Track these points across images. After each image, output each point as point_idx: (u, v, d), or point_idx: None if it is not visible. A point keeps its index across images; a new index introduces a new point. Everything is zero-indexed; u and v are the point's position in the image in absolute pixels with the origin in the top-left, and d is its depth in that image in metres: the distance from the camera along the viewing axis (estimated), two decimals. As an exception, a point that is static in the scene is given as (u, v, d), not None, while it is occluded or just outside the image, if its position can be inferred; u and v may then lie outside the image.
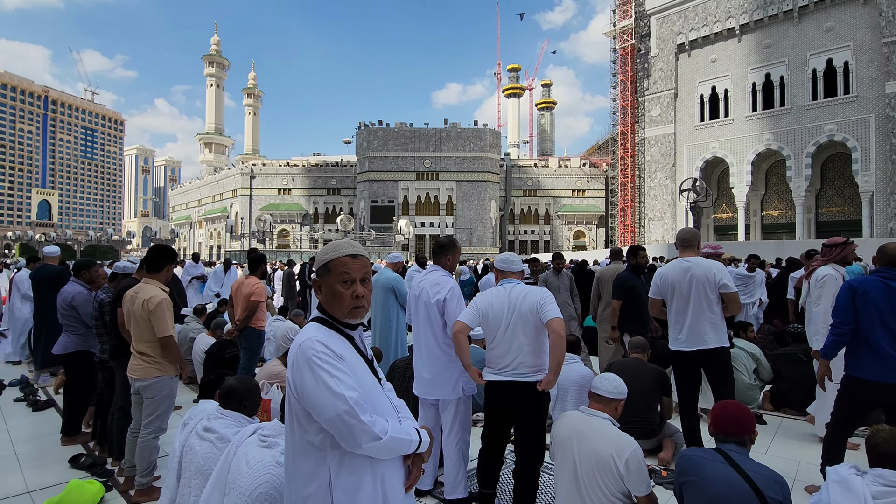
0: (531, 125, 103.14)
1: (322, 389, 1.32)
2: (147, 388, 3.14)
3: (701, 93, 34.70)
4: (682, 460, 2.21)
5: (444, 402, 3.06)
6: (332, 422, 1.32)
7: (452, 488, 2.99)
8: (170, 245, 3.55)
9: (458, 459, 3.01)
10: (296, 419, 1.41)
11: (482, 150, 48.20)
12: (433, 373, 3.03)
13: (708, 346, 3.36)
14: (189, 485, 2.24)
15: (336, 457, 1.38)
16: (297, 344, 1.40)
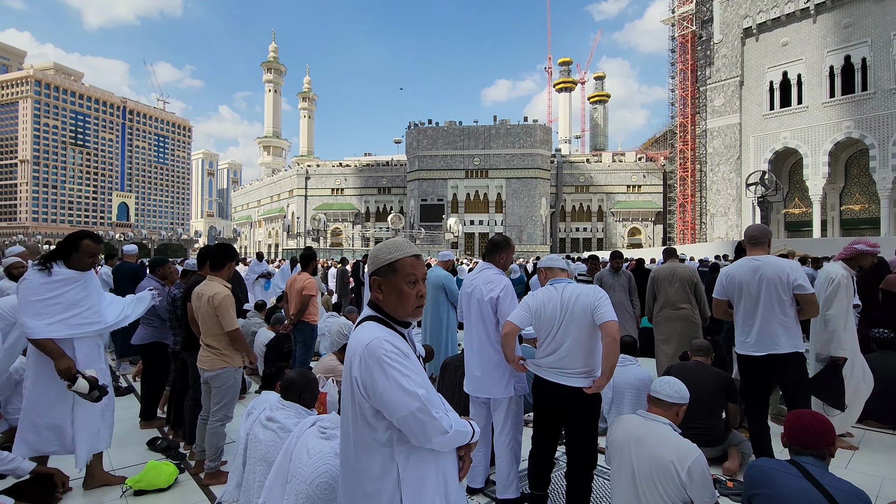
0: (583, 120, 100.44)
1: (395, 388, 1.35)
2: (214, 378, 3.34)
3: (770, 79, 32.38)
4: (752, 471, 2.08)
5: (495, 400, 3.05)
6: (406, 419, 1.35)
7: (504, 488, 2.97)
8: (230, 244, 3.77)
9: (510, 459, 2.99)
10: (360, 417, 1.41)
11: (532, 147, 47.48)
12: (484, 370, 3.02)
13: (780, 350, 3.12)
14: (253, 470, 2.36)
15: (403, 452, 1.41)
16: (361, 344, 1.39)
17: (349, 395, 1.45)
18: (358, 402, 1.41)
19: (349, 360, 1.44)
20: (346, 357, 1.48)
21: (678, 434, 2.36)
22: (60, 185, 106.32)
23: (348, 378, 1.44)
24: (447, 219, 42.84)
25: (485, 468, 3.16)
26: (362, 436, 1.42)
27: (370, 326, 1.46)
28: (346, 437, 1.49)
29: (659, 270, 5.21)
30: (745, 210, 32.84)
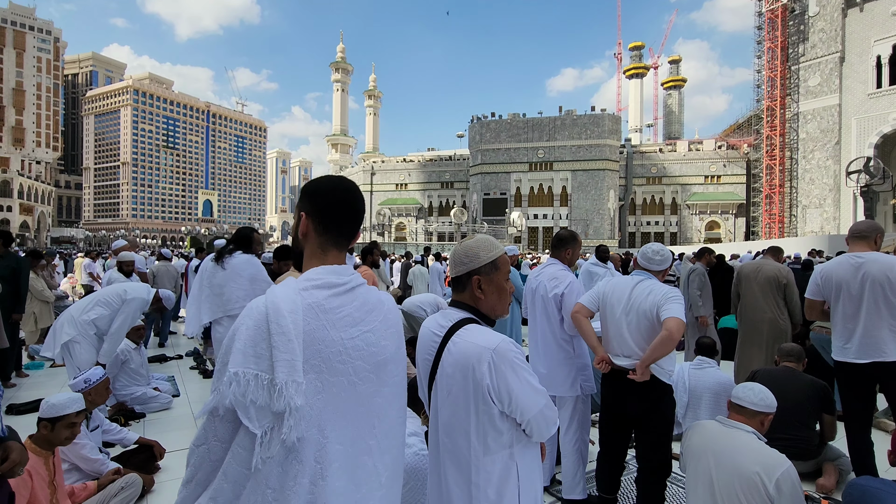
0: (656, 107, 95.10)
1: (527, 389, 1.37)
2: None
3: (878, 54, 28.83)
4: (854, 490, 1.88)
5: (561, 399, 2.98)
6: (535, 417, 1.38)
7: (571, 488, 2.91)
8: (287, 244, 3.91)
9: (577, 459, 2.91)
10: (487, 423, 1.37)
11: (599, 137, 45.71)
12: (549, 367, 2.97)
13: (887, 358, 2.81)
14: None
15: (519, 451, 1.42)
16: (487, 348, 1.36)
17: (464, 401, 1.39)
18: (482, 408, 1.37)
19: (464, 364, 1.38)
20: (450, 361, 1.41)
21: (764, 443, 2.18)
22: (154, 184, 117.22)
23: (463, 382, 1.39)
24: (510, 213, 42.44)
25: (550, 466, 3.11)
26: (485, 442, 1.39)
27: (481, 329, 1.44)
28: (460, 450, 1.40)
29: (744, 267, 4.83)
30: (843, 201, 29.59)
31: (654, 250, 2.64)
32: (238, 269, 3.53)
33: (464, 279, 1.50)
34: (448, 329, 1.45)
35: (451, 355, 1.41)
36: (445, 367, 1.42)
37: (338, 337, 1.00)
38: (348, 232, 1.14)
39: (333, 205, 1.12)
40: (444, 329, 1.45)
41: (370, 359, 1.06)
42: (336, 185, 1.15)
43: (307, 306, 0.99)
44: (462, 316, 1.47)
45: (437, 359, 1.45)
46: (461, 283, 1.51)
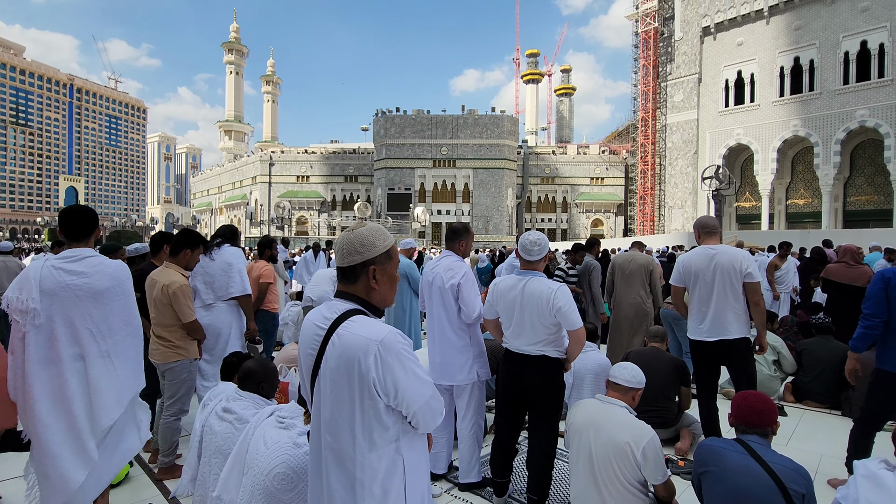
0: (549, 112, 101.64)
1: (414, 380, 1.34)
2: (168, 372, 3.20)
3: (726, 77, 33.62)
4: (702, 450, 2.17)
5: (458, 387, 3.07)
6: (422, 408, 1.36)
7: (467, 472, 3.01)
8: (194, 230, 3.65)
9: (473, 444, 3.02)
10: (373, 418, 1.33)
11: (499, 137, 47.74)
12: (446, 357, 3.03)
13: (730, 336, 3.27)
14: (209, 463, 2.29)
15: (406, 444, 1.40)
16: (374, 340, 1.31)
17: (348, 396, 1.33)
18: (367, 403, 1.32)
19: (348, 357, 1.32)
20: (334, 354, 1.34)
21: (634, 416, 2.44)
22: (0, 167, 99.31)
23: (348, 376, 1.32)
24: (414, 208, 42.65)
25: (448, 454, 3.19)
26: (371, 438, 1.34)
27: (368, 321, 1.38)
28: (344, 447, 1.35)
29: (617, 258, 5.35)
30: (700, 203, 34.17)
31: (532, 241, 2.73)
32: (228, 259, 3.81)
33: (358, 269, 1.43)
34: (333, 321, 1.38)
35: (336, 348, 1.34)
36: (329, 362, 1.36)
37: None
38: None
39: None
40: (328, 322, 1.39)
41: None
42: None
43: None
44: (348, 307, 1.41)
45: (321, 353, 1.38)
46: (354, 273, 1.43)
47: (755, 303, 3.25)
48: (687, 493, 2.83)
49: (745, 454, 2.04)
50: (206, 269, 3.74)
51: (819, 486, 3.00)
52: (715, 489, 2.03)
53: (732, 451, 2.08)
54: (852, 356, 3.02)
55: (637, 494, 2.32)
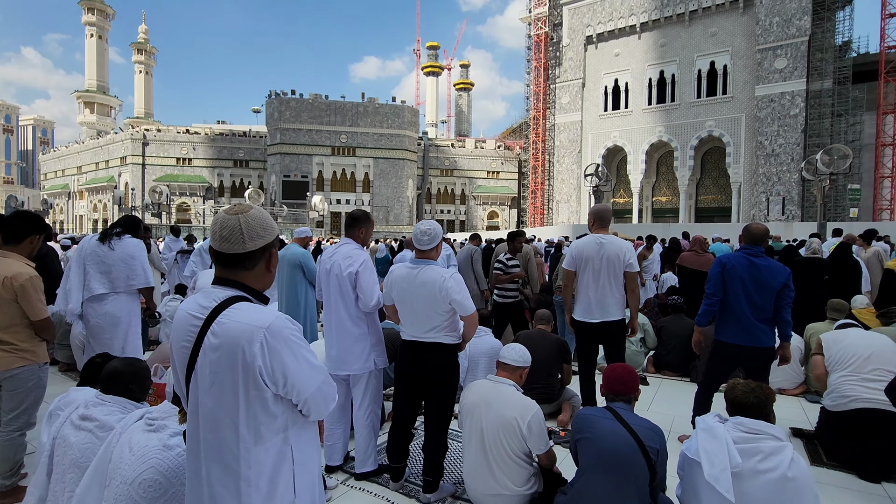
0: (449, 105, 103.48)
1: (304, 366, 1.30)
2: (9, 380, 2.73)
3: (605, 84, 37.01)
4: (577, 419, 2.40)
5: (355, 376, 3.03)
6: (314, 395, 1.32)
7: (363, 461, 3.00)
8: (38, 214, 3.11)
9: (369, 433, 3.02)
10: (260, 410, 1.26)
11: (400, 128, 47.57)
12: (343, 346, 2.98)
13: (611, 318, 3.58)
14: (63, 480, 2.00)
15: (294, 433, 1.34)
16: (260, 327, 1.23)
17: (231, 388, 1.24)
18: (253, 394, 1.24)
19: (231, 346, 1.23)
20: (214, 345, 1.25)
21: (520, 393, 2.62)
22: None
23: (230, 367, 1.23)
24: (312, 197, 40.91)
25: (344, 445, 3.15)
26: (257, 430, 1.26)
27: (253, 307, 1.30)
28: (228, 441, 1.26)
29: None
30: (583, 198, 37.35)
31: (423, 231, 2.78)
32: (128, 251, 3.71)
33: (258, 254, 1.34)
34: (212, 310, 1.28)
35: (216, 338, 1.25)
36: (208, 353, 1.26)
37: None
38: None
39: None
40: (206, 311, 1.28)
41: None
42: None
43: None
44: (230, 294, 1.32)
45: (198, 345, 1.27)
46: (252, 258, 1.34)
47: (632, 290, 3.60)
48: (567, 459, 3.11)
49: (613, 419, 2.29)
50: (102, 257, 3.66)
51: (673, 441, 3.49)
52: (588, 452, 2.26)
53: (603, 417, 2.33)
54: (697, 330, 3.54)
55: (523, 465, 2.50)
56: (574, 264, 3.71)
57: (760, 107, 30.25)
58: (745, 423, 2.22)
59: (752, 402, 2.27)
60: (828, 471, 3.22)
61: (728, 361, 3.43)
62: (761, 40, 30.12)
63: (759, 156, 30.31)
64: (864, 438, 3.18)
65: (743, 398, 2.30)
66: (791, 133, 29.31)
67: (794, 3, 29.13)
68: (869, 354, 3.38)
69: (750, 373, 3.33)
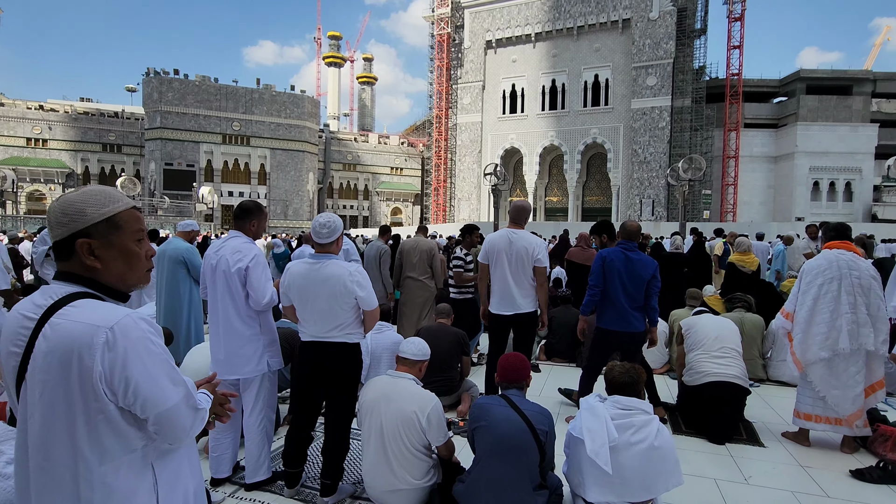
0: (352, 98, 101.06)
1: (157, 378, 1.10)
2: None
3: (503, 88, 38.80)
4: (474, 409, 2.48)
5: (245, 380, 2.83)
6: (166, 415, 1.11)
7: (255, 470, 2.81)
8: None
9: (262, 439, 2.84)
10: (104, 427, 1.07)
11: (300, 118, 45.42)
12: (232, 349, 2.77)
13: (522, 311, 3.71)
14: None
15: (155, 451, 1.16)
16: (103, 327, 1.04)
17: (65, 400, 1.05)
18: (94, 406, 1.05)
19: (67, 349, 1.04)
20: (46, 349, 1.05)
21: (420, 387, 2.64)
22: None
23: (64, 374, 1.04)
24: (199, 188, 37.39)
25: (233, 455, 2.92)
26: (101, 447, 1.07)
27: (97, 304, 1.10)
28: (51, 465, 1.07)
29: (405, 243, 5.67)
30: (483, 196, 38.83)
31: (322, 223, 2.67)
32: None
33: (67, 244, 1.13)
34: (46, 309, 1.09)
35: (48, 341, 1.05)
36: (38, 359, 1.06)
37: None
38: None
39: None
40: (40, 310, 1.08)
41: None
42: None
43: None
44: (70, 290, 1.13)
45: (30, 349, 1.07)
46: (64, 249, 1.14)
47: (541, 284, 3.75)
48: (466, 449, 3.20)
49: (507, 406, 2.41)
50: None
51: (561, 423, 3.77)
52: (484, 439, 2.35)
53: (497, 405, 2.44)
54: (582, 319, 3.85)
55: (422, 458, 2.53)
56: (487, 257, 3.81)
57: (635, 118, 33.84)
58: (621, 400, 2.47)
59: (626, 381, 2.52)
60: (685, 437, 3.70)
61: (608, 346, 3.79)
62: (636, 59, 33.69)
63: (634, 162, 33.92)
64: (713, 408, 3.70)
65: (619, 378, 2.55)
66: (659, 143, 33.22)
67: (662, 28, 32.98)
68: (717, 335, 3.94)
69: (625, 355, 3.71)
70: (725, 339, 3.93)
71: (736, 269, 6.88)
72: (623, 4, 34.07)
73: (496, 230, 3.99)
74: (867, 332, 3.36)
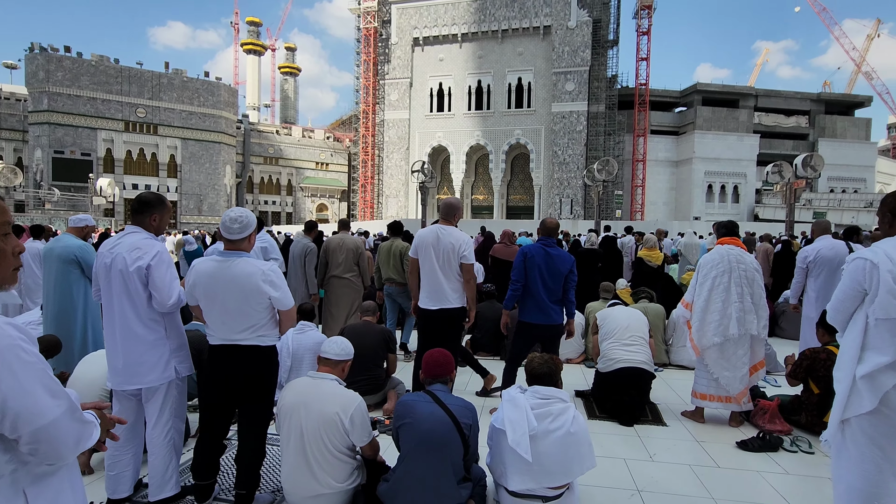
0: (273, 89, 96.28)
1: (36, 390, 0.98)
2: None
3: (431, 86, 38.96)
4: (399, 406, 2.46)
5: (149, 389, 2.59)
6: (47, 429, 0.99)
7: (160, 487, 2.58)
8: None
9: (169, 453, 2.61)
10: None
11: (215, 107, 42.49)
12: (132, 357, 2.52)
13: (449, 305, 3.72)
14: None
15: (32, 473, 1.03)
16: None
17: None
18: None
19: None
20: None
21: (343, 387, 2.57)
22: None
23: None
24: (97, 179, 33.66)
25: (134, 472, 2.66)
26: None
27: None
28: None
29: (330, 241, 5.51)
30: (411, 193, 38.76)
31: (233, 218, 2.50)
32: None
33: None
34: None
35: None
36: None
37: None
38: None
39: None
40: None
41: None
42: None
43: None
44: None
45: None
46: None
47: (467, 280, 3.77)
48: (392, 447, 3.17)
49: (432, 402, 2.41)
50: None
51: (485, 415, 3.85)
52: (409, 436, 2.34)
53: (422, 401, 2.44)
54: (505, 313, 3.97)
55: (346, 460, 2.46)
56: (416, 252, 3.81)
57: (555, 121, 35.52)
58: (540, 390, 2.57)
59: (544, 371, 2.63)
60: (599, 422, 3.94)
61: (529, 339, 3.93)
62: (556, 65, 35.35)
63: (555, 163, 35.60)
64: (623, 392, 3.98)
65: (538, 369, 2.65)
66: (577, 146, 35.14)
67: (579, 37, 34.89)
68: (627, 325, 4.25)
69: (545, 347, 3.88)
70: (634, 328, 4.24)
71: (644, 263, 7.46)
72: (544, 12, 35.57)
73: (423, 228, 4.00)
74: (752, 318, 3.78)
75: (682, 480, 3.03)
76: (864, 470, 2.06)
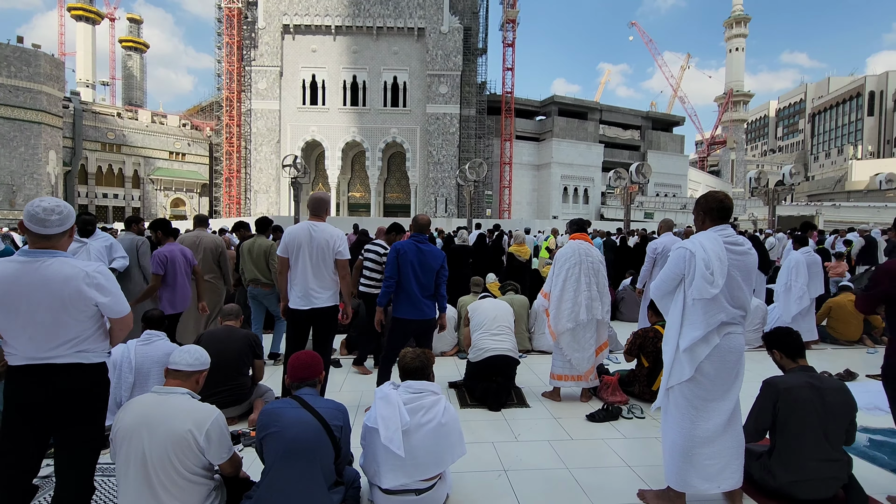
0: (113, 65, 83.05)
1: None
2: None
3: (303, 78, 37.12)
4: (263, 415, 2.29)
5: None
6: None
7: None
8: None
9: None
10: None
11: (33, 80, 35.37)
12: None
13: (319, 305, 3.61)
14: None
15: None
16: None
17: None
18: None
19: None
20: None
21: (196, 400, 2.31)
22: None
23: None
24: None
25: None
26: None
27: None
28: None
29: (184, 238, 4.98)
30: (283, 189, 36.54)
31: (49, 208, 2.04)
32: None
33: None
34: None
35: None
36: None
37: None
38: None
39: None
40: None
41: None
42: None
43: None
44: None
45: None
46: None
47: (343, 276, 3.71)
48: (258, 461, 2.95)
49: (299, 407, 2.29)
50: None
51: (360, 414, 3.78)
52: (275, 446, 2.19)
53: (288, 407, 2.30)
54: (379, 310, 3.95)
55: (200, 482, 2.22)
56: (287, 250, 3.63)
57: (430, 122, 36.39)
58: (413, 384, 2.60)
59: (417, 366, 2.67)
60: (470, 409, 4.14)
61: (403, 334, 3.96)
62: (430, 67, 36.20)
63: (430, 163, 36.48)
64: (491, 379, 4.23)
65: (410, 364, 2.68)
66: (450, 147, 36.45)
67: (451, 42, 36.18)
68: (495, 316, 4.52)
69: (418, 341, 3.95)
70: (501, 318, 4.54)
71: (514, 257, 8.02)
72: (418, 14, 36.13)
73: (325, 219, 3.81)
74: (597, 305, 4.29)
75: (543, 455, 3.32)
76: (683, 427, 2.49)
